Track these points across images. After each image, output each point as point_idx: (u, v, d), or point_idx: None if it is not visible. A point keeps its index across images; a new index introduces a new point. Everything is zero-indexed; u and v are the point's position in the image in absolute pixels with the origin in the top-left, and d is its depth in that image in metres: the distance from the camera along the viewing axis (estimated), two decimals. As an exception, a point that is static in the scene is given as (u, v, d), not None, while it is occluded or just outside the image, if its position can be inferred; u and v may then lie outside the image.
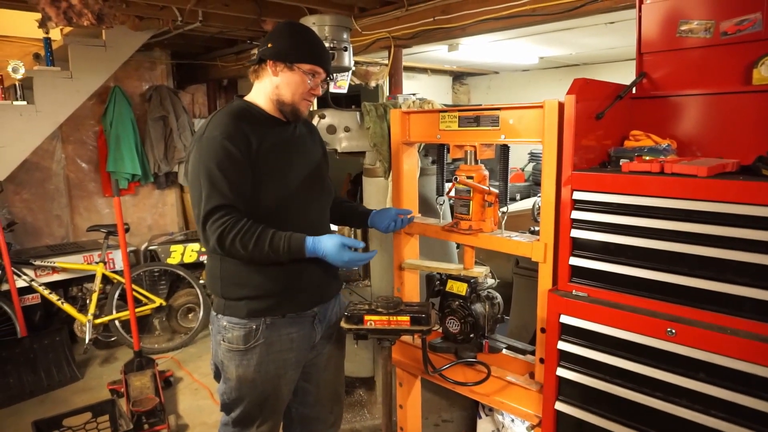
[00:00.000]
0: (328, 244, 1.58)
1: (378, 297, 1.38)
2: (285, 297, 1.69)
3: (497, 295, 1.96)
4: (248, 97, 1.76)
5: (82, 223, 4.76)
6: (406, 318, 1.32)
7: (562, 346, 1.64)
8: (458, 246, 3.04)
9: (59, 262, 3.79)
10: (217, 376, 1.80)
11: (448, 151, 1.99)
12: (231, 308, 1.69)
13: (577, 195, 1.58)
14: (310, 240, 1.59)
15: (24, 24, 3.97)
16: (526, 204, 4.11)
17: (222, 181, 1.55)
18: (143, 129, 5.00)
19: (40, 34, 3.71)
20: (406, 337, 2.13)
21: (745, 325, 1.31)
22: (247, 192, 1.60)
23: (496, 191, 1.85)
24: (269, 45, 1.68)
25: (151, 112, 5.00)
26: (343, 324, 1.39)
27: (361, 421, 2.57)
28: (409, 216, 1.99)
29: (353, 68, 2.81)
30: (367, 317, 1.35)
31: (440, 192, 2.05)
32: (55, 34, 3.94)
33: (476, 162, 1.90)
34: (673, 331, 1.40)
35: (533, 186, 5.69)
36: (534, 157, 6.13)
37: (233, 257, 1.61)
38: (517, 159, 6.68)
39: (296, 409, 1.94)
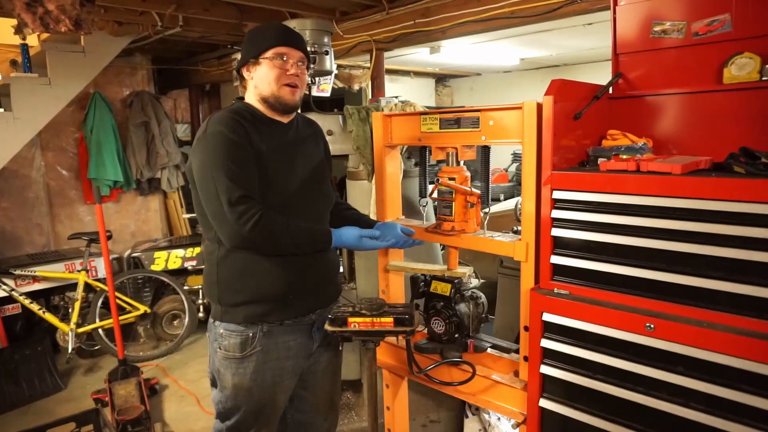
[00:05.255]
0: (350, 236, 1.72)
1: (362, 299, 1.39)
2: (282, 302, 1.68)
3: (481, 294, 1.98)
4: (246, 100, 1.76)
5: (63, 231, 4.70)
6: (390, 319, 1.33)
7: (545, 343, 1.66)
8: (443, 248, 3.06)
9: (40, 271, 3.74)
10: (214, 384, 1.78)
11: (431, 153, 2.01)
12: (228, 314, 1.68)
13: (557, 194, 1.61)
14: (334, 232, 1.71)
15: (0, 30, 3.92)
16: (510, 204, 4.15)
17: (238, 173, 1.55)
18: (125, 135, 4.96)
19: (17, 40, 3.66)
20: (392, 339, 2.14)
21: (720, 318, 1.34)
22: (257, 184, 1.59)
23: (478, 192, 1.87)
24: (239, 57, 1.72)
25: (133, 117, 4.95)
26: (327, 326, 1.40)
27: (348, 424, 2.58)
28: (415, 238, 1.92)
29: (336, 72, 2.82)
30: (351, 319, 1.36)
31: (423, 194, 2.06)
32: (33, 40, 3.89)
33: (458, 163, 1.92)
34: (652, 326, 1.43)
35: (517, 186, 5.74)
36: (517, 157, 6.19)
37: (262, 246, 1.60)
38: (501, 160, 6.74)
39: (291, 415, 1.93)
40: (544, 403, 1.69)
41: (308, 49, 1.84)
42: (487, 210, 1.88)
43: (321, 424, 1.97)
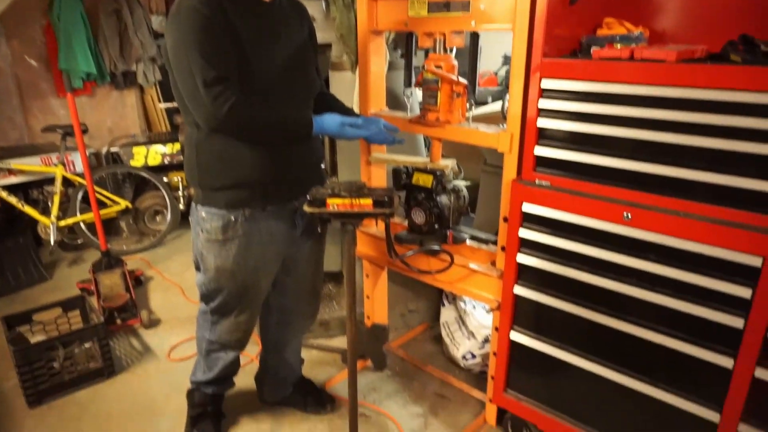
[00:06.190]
0: (332, 123, 1.65)
1: (341, 181, 1.38)
2: (264, 188, 1.65)
3: (462, 187, 1.98)
4: None
5: (37, 126, 4.52)
6: (369, 201, 1.32)
7: (523, 233, 1.69)
8: (427, 147, 3.02)
9: (15, 164, 3.64)
10: (198, 267, 1.80)
11: (417, 43, 1.92)
12: (209, 198, 1.66)
13: (546, 83, 1.56)
14: (315, 119, 1.63)
15: None
16: (497, 106, 4.07)
17: (213, 52, 1.46)
18: (96, 24, 4.65)
19: None
20: (373, 230, 2.17)
21: (697, 208, 1.36)
22: (234, 65, 1.51)
23: (465, 82, 1.81)
24: None
25: (103, 5, 4.62)
26: (306, 208, 1.38)
27: (329, 313, 2.67)
28: (399, 130, 1.86)
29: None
30: (329, 200, 1.35)
31: (408, 83, 1.99)
32: None
33: (446, 51, 1.83)
34: (629, 215, 1.45)
35: (506, 90, 5.61)
36: (508, 60, 5.99)
37: (240, 130, 1.55)
38: (491, 63, 6.52)
39: (274, 299, 1.98)
40: (518, 290, 1.75)
41: None
42: (473, 101, 1.83)
43: (304, 310, 2.03)
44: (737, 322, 1.34)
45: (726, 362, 1.38)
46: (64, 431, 2.12)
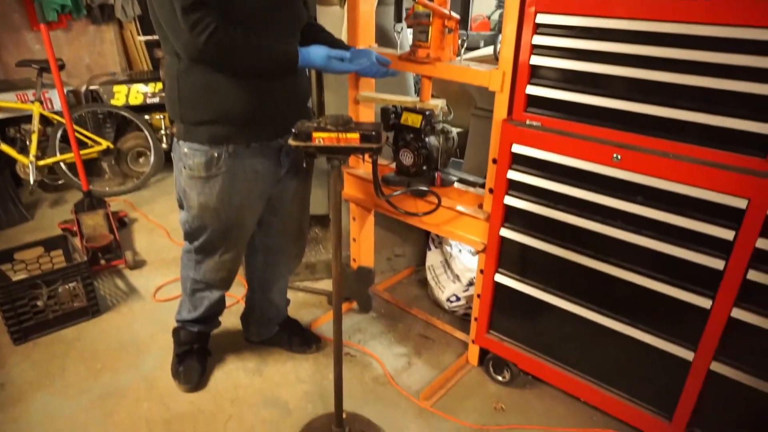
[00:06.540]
0: (318, 55, 1.60)
1: (328, 115, 1.33)
2: (248, 124, 1.60)
3: (452, 129, 1.95)
4: None
5: (10, 60, 4.32)
6: (356, 135, 1.28)
7: (512, 175, 1.67)
8: (417, 92, 2.94)
9: (-11, 100, 3.51)
10: (181, 205, 1.76)
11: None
12: (191, 133, 1.60)
13: (541, 18, 1.51)
14: (301, 51, 1.58)
15: None
16: (489, 50, 3.96)
17: None
18: (68, -49, 4.38)
19: None
20: (360, 172, 2.14)
21: (687, 150, 1.35)
22: None
23: (457, 17, 1.74)
24: None
25: (76, -69, 4.35)
26: (291, 141, 1.34)
27: (316, 256, 2.67)
28: (390, 67, 1.79)
29: None
30: (315, 134, 1.30)
31: (398, 18, 1.91)
32: None
33: (438, -17, 1.75)
34: (619, 156, 1.43)
35: (499, 34, 5.46)
36: (501, 3, 5.81)
37: (221, 61, 1.48)
38: (484, 7, 6.33)
39: (260, 239, 1.96)
40: (504, 232, 1.75)
41: None
42: (465, 37, 1.77)
43: (290, 250, 2.02)
44: (718, 264, 1.35)
45: (704, 303, 1.41)
46: (50, 367, 2.14)
